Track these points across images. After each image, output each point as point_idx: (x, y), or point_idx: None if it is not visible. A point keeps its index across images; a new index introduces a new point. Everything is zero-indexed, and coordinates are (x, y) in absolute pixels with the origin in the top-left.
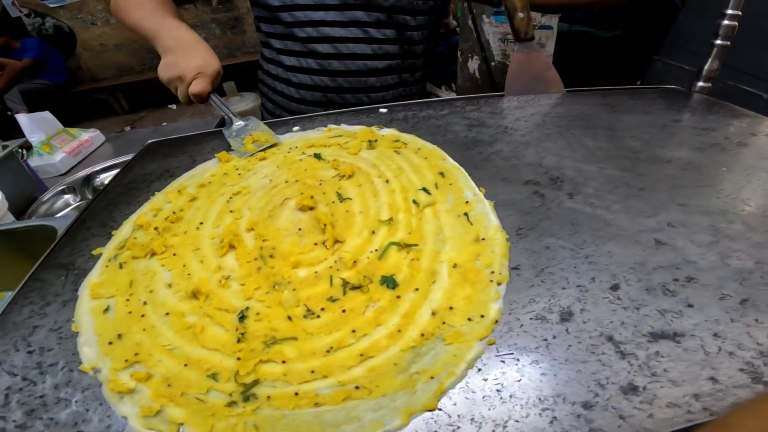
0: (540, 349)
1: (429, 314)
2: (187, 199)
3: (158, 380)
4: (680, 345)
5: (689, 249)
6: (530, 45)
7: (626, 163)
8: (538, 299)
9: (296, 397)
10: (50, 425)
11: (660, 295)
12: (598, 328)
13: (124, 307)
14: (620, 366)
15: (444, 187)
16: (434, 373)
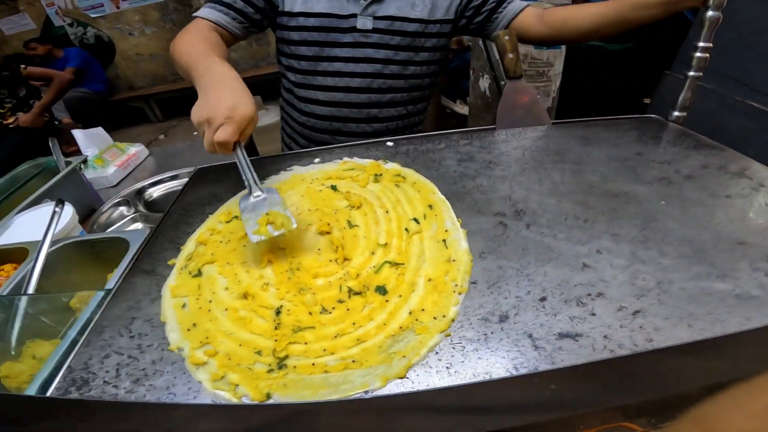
0: (480, 341)
1: (407, 313)
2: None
3: (222, 355)
4: (577, 342)
5: (606, 271)
6: (519, 82)
7: (580, 197)
8: (486, 306)
9: (312, 367)
10: (150, 389)
11: (573, 306)
12: (523, 328)
13: (195, 304)
14: (532, 355)
15: (430, 218)
16: (405, 354)
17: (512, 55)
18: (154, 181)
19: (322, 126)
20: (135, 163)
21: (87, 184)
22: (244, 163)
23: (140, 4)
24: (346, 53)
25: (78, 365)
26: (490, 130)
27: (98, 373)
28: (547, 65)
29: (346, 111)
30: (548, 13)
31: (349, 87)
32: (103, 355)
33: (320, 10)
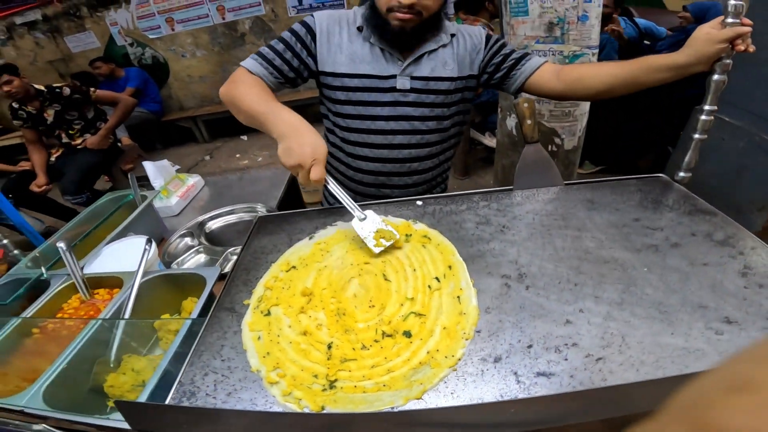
0: (478, 375)
1: (425, 353)
2: (293, 270)
3: (289, 377)
4: (549, 380)
5: (583, 326)
6: (536, 146)
7: (575, 263)
8: (485, 349)
9: (354, 388)
10: (239, 401)
11: (552, 352)
12: (511, 367)
13: (267, 337)
14: (514, 387)
15: (449, 277)
16: (422, 382)
17: (530, 122)
18: (213, 215)
19: (368, 180)
20: (193, 194)
21: (158, 215)
22: (340, 192)
23: (192, 27)
24: (388, 112)
25: (186, 380)
26: (507, 191)
27: (201, 387)
28: (574, 105)
29: (389, 166)
30: (565, 71)
31: (392, 144)
32: (203, 373)
33: (363, 72)
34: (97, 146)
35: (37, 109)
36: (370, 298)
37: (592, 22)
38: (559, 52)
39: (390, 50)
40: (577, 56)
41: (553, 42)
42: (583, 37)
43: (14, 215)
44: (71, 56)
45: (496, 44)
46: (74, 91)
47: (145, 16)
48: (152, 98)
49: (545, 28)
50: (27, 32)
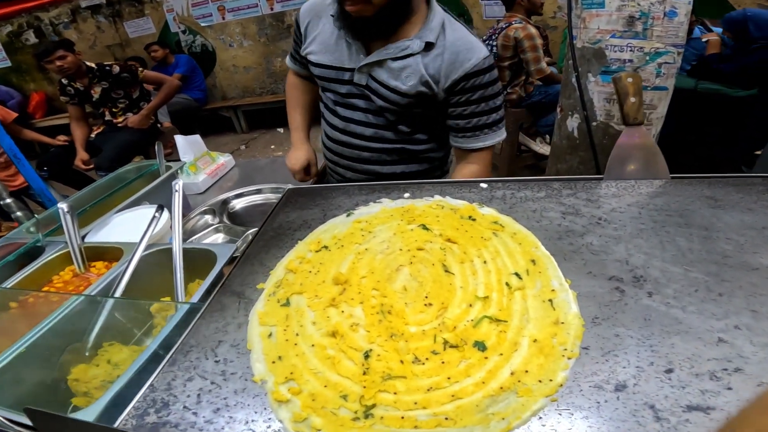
0: (592, 408)
1: (509, 373)
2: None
3: (306, 395)
4: (708, 416)
5: (746, 347)
6: (638, 129)
7: (713, 268)
8: (600, 373)
9: (402, 420)
10: (230, 422)
11: (706, 379)
12: (644, 398)
13: (282, 335)
14: (653, 427)
15: (534, 275)
16: (505, 416)
17: (634, 99)
18: (238, 194)
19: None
20: (222, 173)
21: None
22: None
23: (242, 17)
24: (344, 101)
25: (161, 385)
26: (595, 180)
27: (179, 397)
28: (650, 107)
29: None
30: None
31: (347, 131)
32: (187, 377)
33: (326, 62)
34: (137, 125)
35: (85, 86)
36: (425, 293)
37: (680, 19)
38: (639, 48)
39: (353, 41)
40: (659, 54)
41: (633, 37)
42: (668, 35)
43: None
44: (128, 41)
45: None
46: (123, 70)
47: (199, 4)
48: (197, 86)
49: (624, 22)
50: (90, 16)
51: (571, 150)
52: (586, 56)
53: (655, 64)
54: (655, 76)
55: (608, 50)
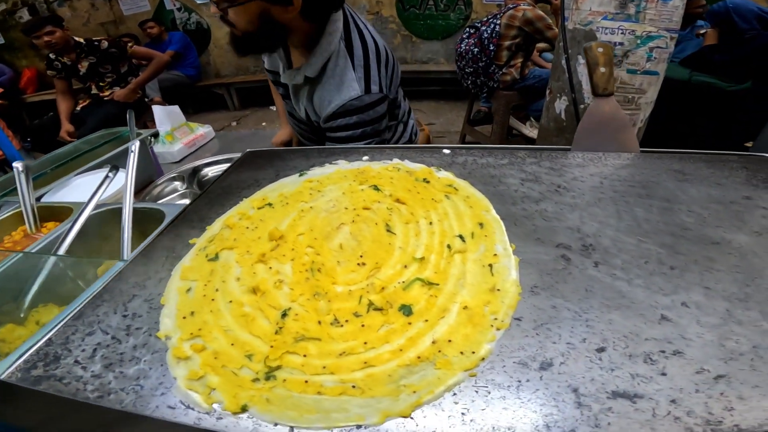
0: (511, 388)
1: (430, 342)
2: (267, 208)
3: (209, 353)
4: (634, 405)
5: (691, 328)
6: (608, 100)
7: (668, 240)
8: (527, 348)
9: (305, 384)
10: (119, 377)
11: (639, 362)
12: (568, 380)
13: (201, 290)
14: (571, 413)
15: (479, 238)
16: (417, 389)
17: (605, 69)
18: (210, 161)
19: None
20: (201, 143)
21: (152, 157)
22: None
23: None
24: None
25: (59, 338)
26: (563, 151)
27: (74, 351)
28: (639, 92)
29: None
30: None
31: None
32: (87, 331)
33: (267, 66)
34: (123, 99)
35: (72, 61)
36: (361, 252)
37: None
38: (631, 31)
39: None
40: (651, 38)
41: (625, 20)
42: (662, 18)
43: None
44: (122, 18)
45: (339, 118)
46: (111, 45)
47: None
48: (191, 63)
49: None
50: None
51: (558, 132)
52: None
53: (646, 48)
54: (645, 60)
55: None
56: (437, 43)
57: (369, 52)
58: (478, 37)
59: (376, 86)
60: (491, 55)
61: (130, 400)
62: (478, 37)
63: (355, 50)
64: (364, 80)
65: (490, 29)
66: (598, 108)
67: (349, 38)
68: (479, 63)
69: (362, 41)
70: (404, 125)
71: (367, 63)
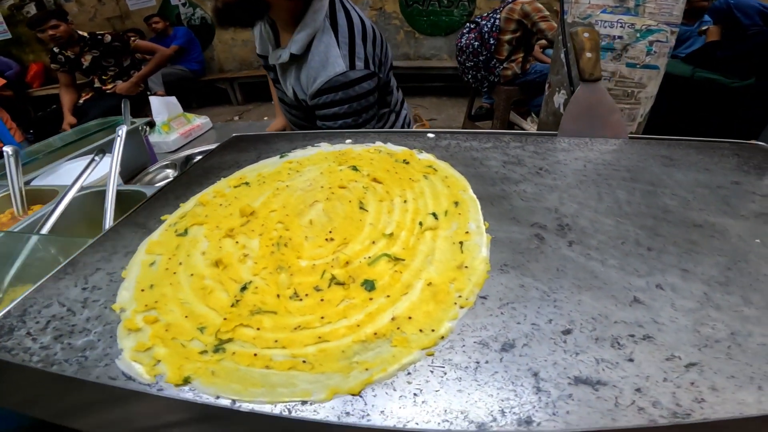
0: (469, 369)
1: (389, 318)
2: (243, 187)
3: (161, 325)
4: (596, 392)
5: (664, 311)
6: (595, 86)
7: (649, 222)
8: (490, 328)
9: (254, 358)
10: (66, 348)
11: (606, 346)
12: (529, 363)
13: (165, 264)
14: (529, 399)
15: (452, 216)
16: (370, 366)
17: (591, 55)
18: (204, 150)
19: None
20: (197, 134)
21: (146, 145)
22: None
23: None
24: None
25: (17, 311)
26: (549, 136)
27: (28, 323)
28: (639, 86)
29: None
30: None
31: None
32: (45, 303)
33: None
34: (125, 92)
35: (75, 54)
36: (331, 228)
37: None
38: (630, 25)
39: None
40: (651, 31)
41: (624, 13)
42: (662, 12)
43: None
44: (128, 14)
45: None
46: (114, 39)
47: None
48: (195, 58)
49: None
50: None
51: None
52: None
53: (646, 41)
54: (645, 54)
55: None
56: (440, 39)
57: (354, 30)
58: (479, 31)
59: (361, 62)
60: (492, 50)
61: (72, 371)
62: (479, 31)
63: (339, 28)
64: (348, 57)
65: (490, 23)
66: (584, 93)
67: (334, 16)
68: (479, 57)
69: (348, 19)
70: (396, 115)
71: (352, 40)
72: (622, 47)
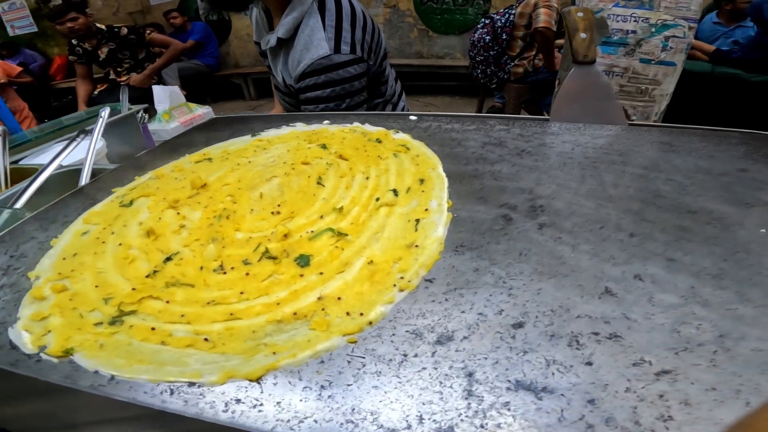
0: (392, 362)
1: (315, 298)
2: (205, 162)
3: (68, 294)
4: (538, 402)
5: (639, 306)
6: (589, 68)
7: (635, 206)
8: (429, 315)
9: (151, 332)
10: None
11: (561, 346)
12: (465, 361)
13: (96, 233)
14: (456, 405)
15: (415, 193)
16: (279, 350)
17: (585, 35)
18: None
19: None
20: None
21: (144, 132)
22: None
23: None
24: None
25: None
26: (539, 121)
27: None
28: (654, 83)
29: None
30: None
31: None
32: None
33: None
34: (139, 84)
35: (93, 47)
36: (281, 201)
37: None
38: (645, 19)
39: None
40: (667, 26)
41: (638, 7)
42: (678, 6)
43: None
44: (149, 9)
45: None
46: (131, 32)
47: None
48: (211, 53)
49: None
50: None
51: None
52: None
53: (661, 37)
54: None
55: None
56: (454, 38)
57: (342, 14)
58: (492, 26)
59: (347, 47)
60: (504, 45)
61: None
62: (492, 26)
63: (327, 11)
64: (334, 40)
65: (504, 18)
66: (578, 76)
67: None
68: (490, 51)
69: (336, 2)
70: (393, 107)
71: (339, 24)
72: (635, 42)
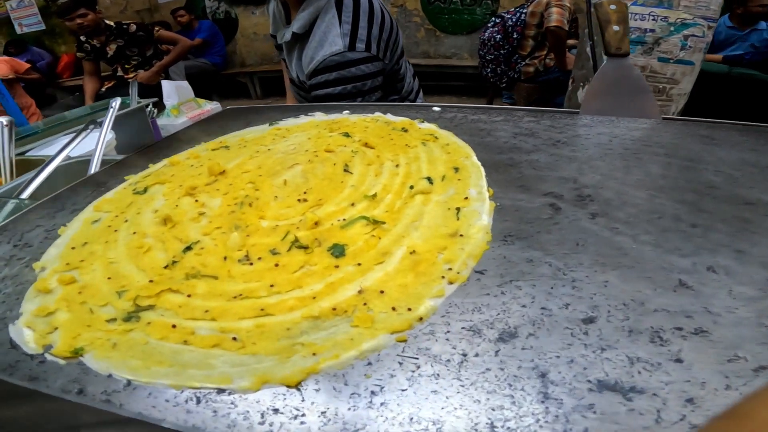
0: (451, 363)
1: (355, 291)
2: (222, 150)
3: (76, 286)
4: (629, 403)
5: (719, 299)
6: (622, 62)
7: (690, 197)
8: (485, 310)
9: (171, 330)
10: None
11: (642, 342)
12: (535, 360)
13: (108, 221)
14: (531, 410)
15: (450, 181)
16: (319, 350)
17: (618, 28)
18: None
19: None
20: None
21: (152, 126)
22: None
23: None
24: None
25: None
26: (569, 113)
27: None
28: (672, 82)
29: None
30: None
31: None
32: None
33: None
34: (146, 81)
35: (101, 43)
36: (306, 188)
37: None
38: (664, 18)
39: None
40: (686, 25)
41: (657, 5)
42: (697, 6)
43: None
44: (156, 7)
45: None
46: (139, 29)
47: None
48: (217, 52)
49: None
50: None
51: None
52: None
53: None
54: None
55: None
56: (462, 37)
57: (360, 10)
58: (503, 25)
59: (362, 44)
60: (514, 44)
61: None
62: (503, 25)
63: (344, 7)
64: (349, 37)
65: (515, 17)
66: (610, 69)
67: None
68: (501, 50)
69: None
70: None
71: (356, 20)
72: (653, 41)
